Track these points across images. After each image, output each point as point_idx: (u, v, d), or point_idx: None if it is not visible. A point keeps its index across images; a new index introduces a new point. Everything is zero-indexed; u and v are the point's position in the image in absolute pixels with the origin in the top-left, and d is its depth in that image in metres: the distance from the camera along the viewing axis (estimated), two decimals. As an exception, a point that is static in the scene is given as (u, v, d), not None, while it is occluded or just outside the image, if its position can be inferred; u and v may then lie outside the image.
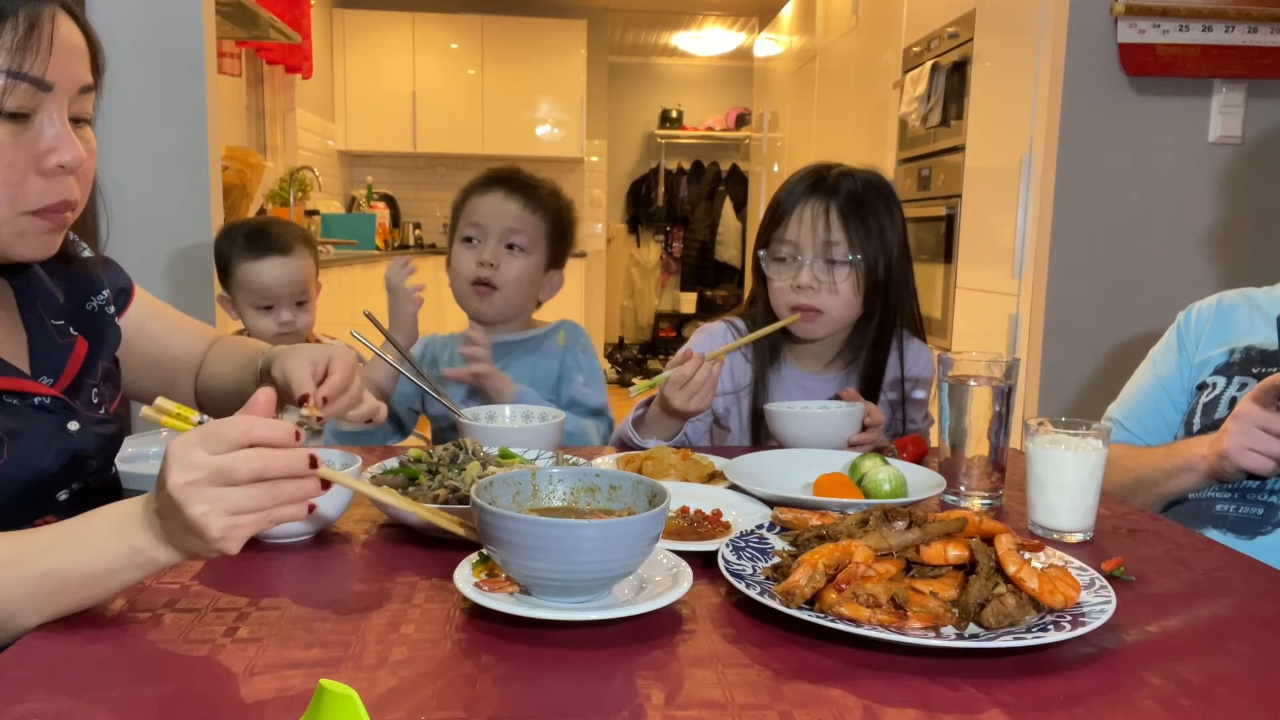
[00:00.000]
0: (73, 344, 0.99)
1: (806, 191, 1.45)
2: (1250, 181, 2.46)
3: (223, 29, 3.71)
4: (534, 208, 1.62)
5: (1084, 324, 2.47)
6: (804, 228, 1.43)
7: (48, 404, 0.93)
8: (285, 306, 1.87)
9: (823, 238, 1.42)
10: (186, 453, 0.68)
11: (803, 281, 1.43)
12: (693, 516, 0.97)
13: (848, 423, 1.33)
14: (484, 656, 0.67)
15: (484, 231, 1.61)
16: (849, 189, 1.44)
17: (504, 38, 6.35)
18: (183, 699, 0.61)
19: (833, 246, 1.42)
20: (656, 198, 7.76)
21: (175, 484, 0.68)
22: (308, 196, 4.78)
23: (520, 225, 1.61)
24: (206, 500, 0.68)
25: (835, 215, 1.42)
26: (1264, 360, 1.31)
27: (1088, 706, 0.62)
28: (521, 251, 1.61)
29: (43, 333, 0.97)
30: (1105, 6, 2.36)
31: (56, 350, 0.97)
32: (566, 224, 1.69)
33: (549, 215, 1.64)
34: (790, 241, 1.45)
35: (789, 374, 1.53)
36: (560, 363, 1.64)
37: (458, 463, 1.01)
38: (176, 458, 0.68)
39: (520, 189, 1.63)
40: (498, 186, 1.63)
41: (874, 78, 3.78)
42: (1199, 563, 0.92)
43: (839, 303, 1.44)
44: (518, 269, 1.61)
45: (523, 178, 1.66)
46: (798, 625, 0.71)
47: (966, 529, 0.79)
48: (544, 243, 1.64)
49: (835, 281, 1.43)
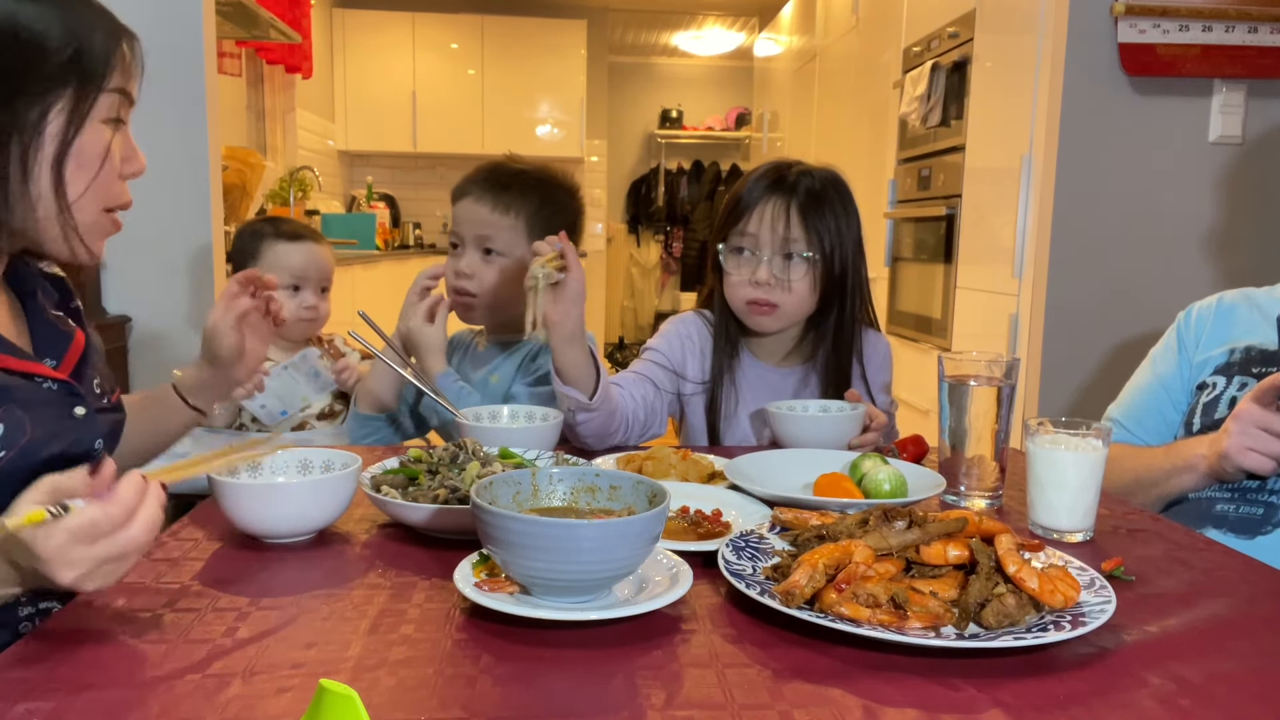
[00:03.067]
0: (72, 334, 1.03)
1: (767, 189, 1.47)
2: (1250, 181, 2.46)
3: (223, 29, 3.71)
4: (505, 208, 1.56)
5: (1084, 324, 2.47)
6: (764, 224, 1.46)
7: (54, 388, 0.95)
8: (311, 289, 1.92)
9: (782, 234, 1.45)
10: (61, 559, 0.70)
11: (760, 277, 1.45)
12: (693, 516, 0.97)
13: (850, 425, 1.33)
14: (484, 656, 0.67)
15: (461, 238, 1.58)
16: (808, 186, 1.46)
17: (504, 38, 6.35)
18: (182, 699, 0.61)
19: (791, 243, 1.45)
20: (656, 198, 7.76)
21: (61, 579, 0.70)
22: (308, 196, 4.79)
23: (492, 230, 1.55)
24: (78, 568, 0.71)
25: (795, 213, 1.45)
26: (1264, 360, 1.31)
27: (1088, 706, 0.62)
28: (499, 256, 1.56)
29: (43, 320, 1.01)
30: (1105, 6, 2.36)
31: (59, 336, 1.01)
32: (556, 210, 1.60)
33: (526, 211, 1.57)
34: (750, 235, 1.47)
35: (749, 366, 1.55)
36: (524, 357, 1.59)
37: (458, 463, 1.01)
38: (53, 563, 0.70)
39: (492, 189, 1.57)
40: (471, 189, 1.58)
41: (874, 78, 3.78)
42: (1199, 563, 0.92)
43: (794, 299, 1.47)
44: (494, 276, 1.56)
45: (499, 174, 1.59)
46: (798, 625, 0.71)
47: (966, 529, 0.79)
48: (525, 240, 1.55)
49: (791, 279, 1.45)
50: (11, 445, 0.86)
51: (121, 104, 0.94)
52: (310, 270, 1.91)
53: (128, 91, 0.95)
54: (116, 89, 0.93)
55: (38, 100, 0.88)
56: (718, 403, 1.52)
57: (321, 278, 1.94)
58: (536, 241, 1.27)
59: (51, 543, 0.69)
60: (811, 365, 1.55)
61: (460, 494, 0.93)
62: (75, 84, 0.90)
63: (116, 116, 0.94)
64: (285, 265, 1.89)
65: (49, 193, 0.90)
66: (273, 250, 1.90)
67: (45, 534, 0.69)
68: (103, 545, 0.70)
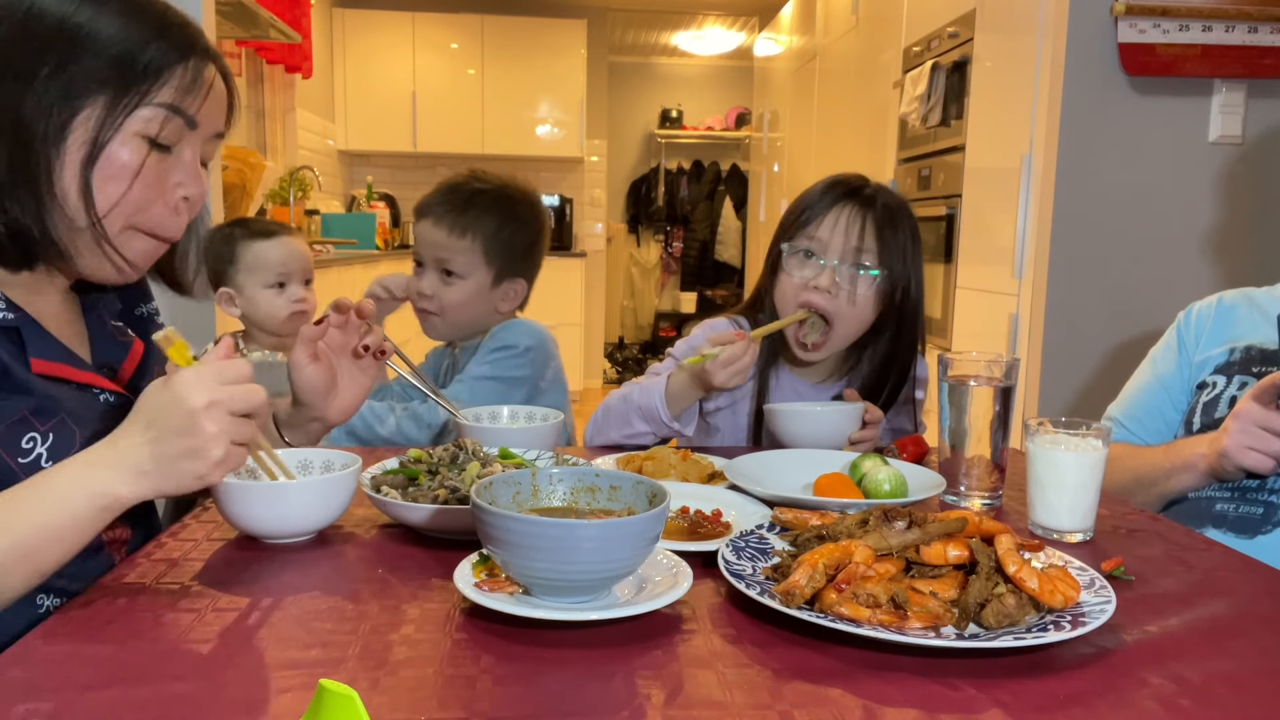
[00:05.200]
0: (130, 343, 1.02)
1: (843, 196, 1.42)
2: (1250, 181, 2.46)
3: (223, 29, 3.71)
4: (462, 231, 1.57)
5: (1084, 324, 2.47)
6: (837, 230, 1.39)
7: (112, 400, 0.95)
8: (297, 282, 1.90)
9: (854, 244, 1.39)
10: (202, 379, 0.78)
11: (823, 282, 1.39)
12: (693, 516, 0.97)
13: (847, 421, 1.32)
14: (484, 656, 0.67)
15: (421, 259, 1.61)
16: (885, 203, 1.42)
17: (504, 37, 6.34)
18: (182, 699, 0.61)
19: (863, 254, 1.39)
20: (656, 197, 7.75)
21: (197, 404, 0.77)
22: (308, 196, 4.78)
23: (448, 254, 1.57)
24: (220, 423, 0.78)
25: (870, 225, 1.39)
26: (1264, 359, 1.31)
27: (1088, 706, 0.62)
28: (457, 277, 1.58)
29: (102, 331, 1.00)
30: (1105, 6, 2.36)
31: (116, 346, 1.00)
32: (515, 231, 1.61)
33: (483, 234, 1.58)
34: (819, 239, 1.40)
35: (786, 380, 1.51)
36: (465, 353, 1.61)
37: (458, 463, 1.01)
38: (194, 383, 0.78)
39: (449, 212, 1.58)
40: (430, 211, 1.60)
41: (874, 78, 3.78)
42: (1199, 563, 0.92)
43: (854, 313, 1.40)
44: (455, 296, 1.59)
45: (458, 195, 1.59)
46: (798, 625, 0.71)
47: (966, 529, 0.79)
48: (482, 261, 1.59)
49: (856, 290, 1.39)
50: (58, 457, 0.85)
51: (169, 121, 0.89)
52: (292, 264, 1.89)
53: (182, 110, 0.89)
54: (165, 104, 0.88)
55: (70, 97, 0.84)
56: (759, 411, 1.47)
57: (304, 270, 1.93)
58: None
59: (193, 370, 0.79)
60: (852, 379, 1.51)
61: (460, 494, 0.93)
62: (113, 88, 0.86)
63: (158, 134, 0.89)
64: (265, 263, 1.87)
65: (77, 201, 0.86)
66: (250, 250, 1.88)
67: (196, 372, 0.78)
68: (234, 388, 0.79)
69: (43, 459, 0.85)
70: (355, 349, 1.10)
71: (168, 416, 0.78)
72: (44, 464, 0.85)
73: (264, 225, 1.94)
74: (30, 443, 0.85)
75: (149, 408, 0.79)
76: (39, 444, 0.85)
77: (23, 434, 0.85)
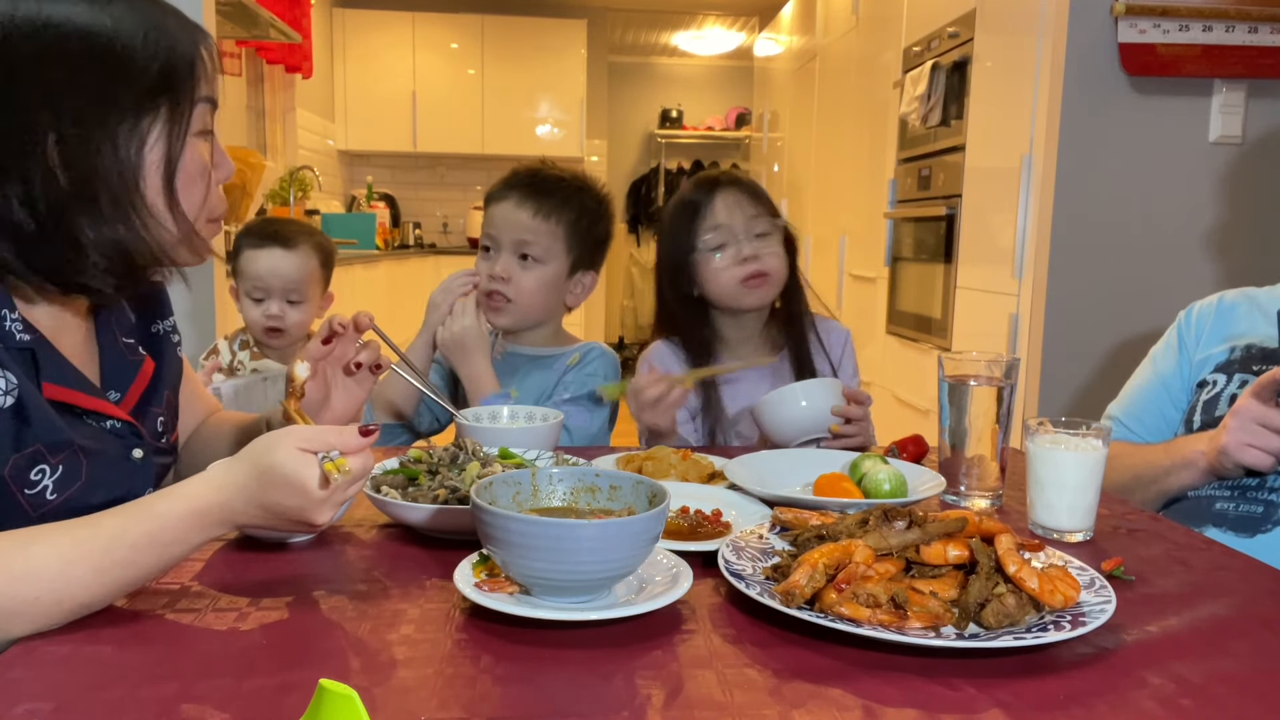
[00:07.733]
0: (140, 363, 1.00)
1: (710, 187, 1.56)
2: (1250, 181, 2.46)
3: (223, 29, 3.71)
4: (547, 214, 1.54)
5: (1084, 324, 2.47)
6: (729, 210, 1.53)
7: (118, 428, 0.93)
8: (275, 299, 1.86)
9: (749, 212, 1.54)
10: (334, 500, 0.79)
11: (747, 253, 1.52)
12: (693, 516, 0.97)
13: (825, 390, 1.33)
14: (484, 656, 0.67)
15: (497, 242, 1.55)
16: (737, 178, 1.59)
17: (504, 37, 6.35)
18: (182, 699, 0.61)
19: (759, 219, 1.54)
20: (657, 197, 7.75)
21: (320, 521, 0.79)
22: (308, 196, 4.78)
23: (532, 236, 1.53)
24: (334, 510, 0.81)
25: (743, 195, 1.55)
26: (1264, 358, 1.31)
27: (1088, 706, 0.62)
28: (535, 262, 1.54)
29: (114, 349, 0.98)
30: (1105, 6, 2.36)
31: (126, 366, 0.98)
32: (593, 222, 1.60)
33: (566, 220, 1.55)
34: (721, 226, 1.53)
35: (744, 380, 1.55)
36: (560, 378, 1.57)
37: (458, 463, 1.01)
38: (327, 508, 0.79)
39: (534, 195, 1.54)
40: (511, 193, 1.56)
41: (874, 78, 3.77)
42: (1199, 562, 0.92)
43: (780, 264, 1.55)
44: (531, 282, 1.54)
45: (540, 180, 1.57)
46: (798, 625, 0.71)
47: (966, 529, 0.79)
48: (563, 249, 1.56)
49: (770, 250, 1.54)
50: (64, 490, 0.85)
51: (209, 112, 0.90)
52: (273, 279, 1.84)
53: (213, 98, 0.91)
54: (205, 98, 0.89)
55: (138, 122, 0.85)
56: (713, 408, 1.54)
57: (287, 287, 1.86)
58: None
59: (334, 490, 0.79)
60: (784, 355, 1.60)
61: (460, 494, 0.93)
62: (168, 100, 0.86)
63: (207, 127, 0.90)
64: (247, 273, 1.85)
65: (166, 212, 0.88)
66: (244, 256, 1.86)
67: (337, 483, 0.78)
68: (355, 487, 0.81)
69: (48, 491, 0.84)
70: (348, 365, 1.08)
71: (288, 510, 0.78)
72: (49, 496, 0.84)
73: (265, 231, 1.89)
74: (39, 475, 0.84)
75: (270, 485, 0.77)
76: (47, 475, 0.84)
77: (33, 467, 0.84)
